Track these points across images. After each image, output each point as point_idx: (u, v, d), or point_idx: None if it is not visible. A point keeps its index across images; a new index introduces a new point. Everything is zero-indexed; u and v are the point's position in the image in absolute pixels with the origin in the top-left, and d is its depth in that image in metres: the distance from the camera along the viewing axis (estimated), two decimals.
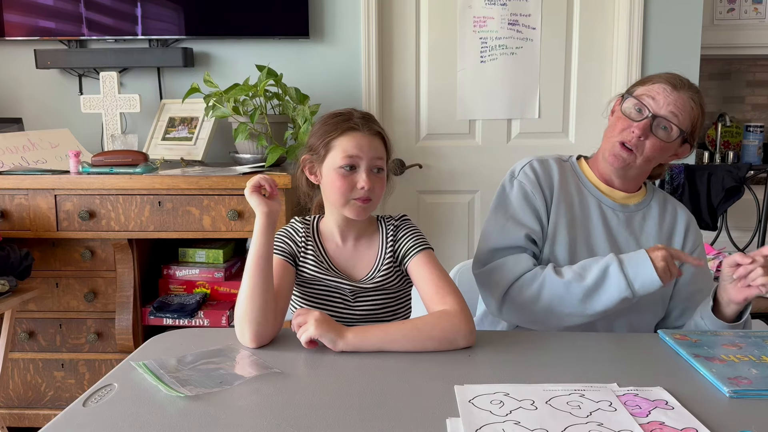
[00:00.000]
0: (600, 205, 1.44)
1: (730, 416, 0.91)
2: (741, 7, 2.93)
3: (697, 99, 1.38)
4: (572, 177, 1.47)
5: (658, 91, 1.37)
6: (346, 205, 1.28)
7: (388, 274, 1.33)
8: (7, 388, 2.27)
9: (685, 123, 1.36)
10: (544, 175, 1.45)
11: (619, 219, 1.44)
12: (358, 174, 1.26)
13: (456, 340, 1.15)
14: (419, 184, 2.72)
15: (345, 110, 1.32)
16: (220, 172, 2.13)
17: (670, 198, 1.52)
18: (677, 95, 1.36)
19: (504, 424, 0.86)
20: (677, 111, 1.35)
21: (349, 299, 1.33)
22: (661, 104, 1.35)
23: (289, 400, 0.96)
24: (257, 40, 2.58)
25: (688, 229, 1.47)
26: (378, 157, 1.28)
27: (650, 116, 1.35)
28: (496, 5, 2.62)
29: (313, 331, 1.11)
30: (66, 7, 2.52)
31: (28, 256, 2.01)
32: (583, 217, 1.43)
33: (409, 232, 1.35)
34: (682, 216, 1.48)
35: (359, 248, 1.36)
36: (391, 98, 2.67)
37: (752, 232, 2.56)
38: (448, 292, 1.23)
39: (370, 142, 1.28)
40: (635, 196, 1.47)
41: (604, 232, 1.42)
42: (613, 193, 1.45)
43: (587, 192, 1.46)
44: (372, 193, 1.27)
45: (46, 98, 2.66)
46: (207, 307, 2.19)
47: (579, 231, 1.42)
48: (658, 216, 1.46)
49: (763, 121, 3.20)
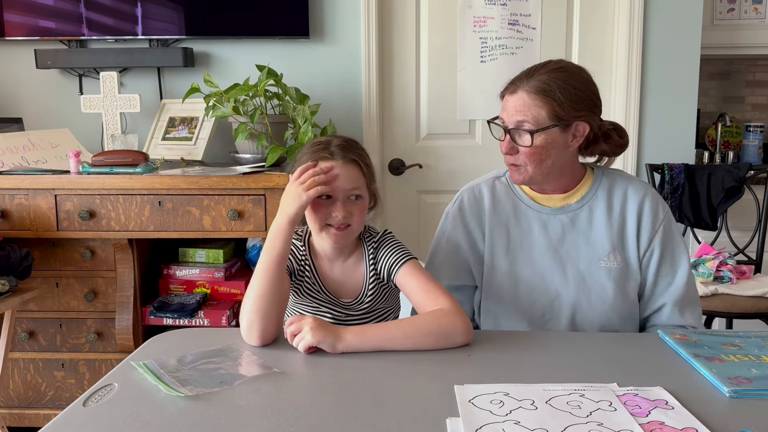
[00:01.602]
0: (539, 216, 1.40)
1: (730, 416, 0.91)
2: (741, 7, 2.93)
3: (538, 86, 1.30)
4: (507, 195, 1.44)
5: (506, 101, 1.35)
6: (323, 232, 1.29)
7: (375, 295, 1.35)
8: (7, 387, 2.27)
9: (537, 119, 1.30)
10: (471, 207, 1.44)
11: (563, 222, 1.39)
12: (333, 203, 1.26)
13: (454, 336, 1.16)
14: (419, 184, 2.72)
15: (325, 138, 1.33)
16: (221, 172, 2.13)
17: (620, 179, 1.42)
18: (515, 99, 1.32)
19: (504, 424, 0.86)
20: (520, 115, 1.31)
21: (341, 318, 1.34)
22: (508, 115, 1.33)
23: (289, 400, 0.96)
24: (257, 40, 2.58)
25: (642, 209, 1.38)
26: (353, 187, 1.27)
27: (507, 130, 1.33)
28: (496, 5, 2.62)
29: (311, 339, 1.11)
30: (66, 7, 2.52)
31: (28, 256, 2.01)
32: (522, 235, 1.40)
33: (389, 248, 1.34)
34: (634, 196, 1.39)
35: (347, 267, 1.37)
36: (391, 98, 2.67)
37: (752, 232, 2.56)
38: (439, 294, 1.23)
39: (346, 171, 1.26)
40: (576, 192, 1.40)
41: (546, 244, 1.39)
42: (550, 199, 1.41)
43: (524, 206, 1.42)
44: (350, 220, 1.27)
45: (46, 98, 2.66)
46: (207, 307, 2.19)
47: (518, 253, 1.40)
48: (606, 202, 1.39)
49: (763, 121, 3.20)
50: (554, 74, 1.32)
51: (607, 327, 1.38)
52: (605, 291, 1.37)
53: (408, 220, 2.72)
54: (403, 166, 2.68)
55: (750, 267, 2.43)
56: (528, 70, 1.35)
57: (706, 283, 2.27)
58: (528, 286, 1.39)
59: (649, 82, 2.61)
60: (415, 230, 2.71)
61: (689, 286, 1.39)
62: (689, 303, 1.39)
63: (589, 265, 1.37)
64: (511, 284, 1.40)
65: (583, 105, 1.32)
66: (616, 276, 1.37)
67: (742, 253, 2.55)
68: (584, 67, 1.39)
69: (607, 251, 1.37)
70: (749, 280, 2.34)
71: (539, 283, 1.39)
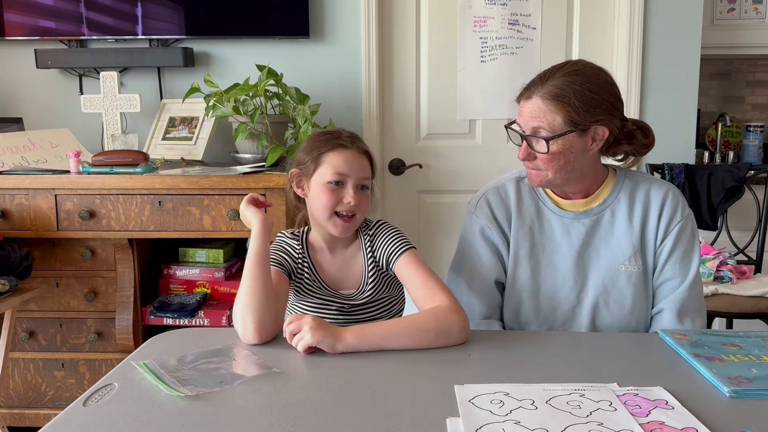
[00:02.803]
0: (562, 221, 1.39)
1: (730, 416, 0.91)
2: (741, 7, 2.93)
3: (553, 91, 1.27)
4: (531, 196, 1.42)
5: (521, 107, 1.33)
6: (330, 220, 1.31)
7: (376, 284, 1.36)
8: (7, 387, 2.27)
9: (553, 125, 1.28)
10: (499, 206, 1.42)
11: (585, 227, 1.37)
12: (346, 189, 1.31)
13: (452, 332, 1.17)
14: (419, 184, 2.72)
15: (334, 129, 1.40)
16: (221, 172, 2.13)
17: (642, 180, 1.40)
18: (530, 105, 1.30)
19: (504, 424, 0.86)
20: (536, 121, 1.29)
21: (346, 310, 1.35)
22: (524, 121, 1.32)
23: (289, 400, 0.96)
24: (257, 40, 2.58)
25: (664, 204, 1.37)
26: (365, 176, 1.34)
27: (523, 136, 1.32)
28: (496, 5, 2.61)
29: (310, 339, 1.11)
30: (66, 7, 2.52)
31: (28, 255, 2.01)
32: (544, 238, 1.39)
33: (386, 235, 1.37)
34: (657, 194, 1.38)
35: (346, 259, 1.39)
36: (391, 98, 2.67)
37: (752, 232, 2.56)
38: (437, 290, 1.25)
39: (359, 160, 1.33)
40: (597, 196, 1.39)
41: (568, 249, 1.37)
42: (573, 204, 1.39)
43: (547, 210, 1.40)
44: (357, 209, 1.32)
45: (46, 98, 2.66)
46: (207, 306, 2.19)
47: (541, 255, 1.39)
48: (628, 205, 1.37)
49: (763, 121, 3.20)
50: (569, 78, 1.29)
51: (626, 331, 1.36)
52: (624, 296, 1.36)
53: (408, 220, 2.72)
54: (403, 166, 2.68)
55: (750, 267, 2.43)
56: (543, 74, 1.32)
57: (706, 283, 2.27)
58: (550, 292, 1.38)
59: (649, 82, 2.61)
60: (415, 230, 2.71)
61: (691, 294, 1.35)
62: (689, 311, 1.35)
63: (609, 269, 1.36)
64: (533, 289, 1.39)
65: (601, 109, 1.29)
66: (636, 281, 1.36)
67: (742, 253, 2.55)
68: (604, 68, 1.36)
69: (628, 255, 1.36)
70: (749, 280, 2.34)
71: (561, 289, 1.38)
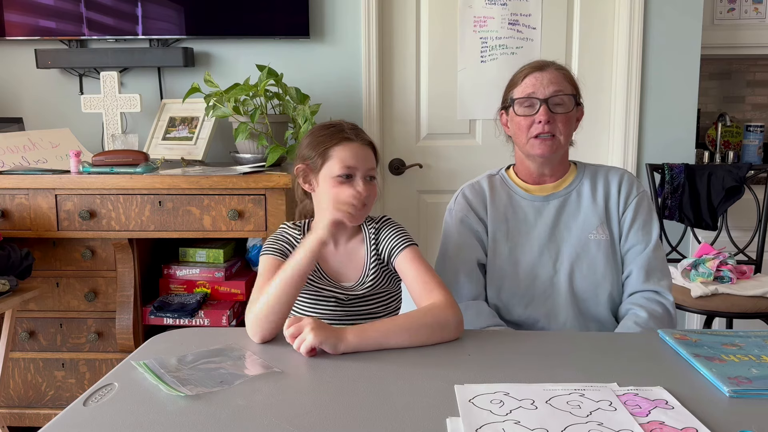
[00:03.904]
0: (533, 204, 1.55)
1: (730, 416, 0.91)
2: (741, 7, 2.93)
3: (562, 68, 1.53)
4: (502, 188, 1.58)
5: (531, 82, 1.49)
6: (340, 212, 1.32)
7: (376, 277, 1.38)
8: (7, 387, 2.27)
9: (570, 88, 1.50)
10: (475, 198, 1.57)
11: (555, 206, 1.54)
12: (355, 182, 1.33)
13: (448, 327, 1.20)
14: (419, 184, 2.72)
15: (335, 121, 1.41)
16: (221, 172, 2.13)
17: (600, 167, 1.59)
18: (547, 74, 1.49)
19: (504, 424, 0.86)
20: (557, 84, 1.48)
21: (344, 302, 1.36)
22: (542, 88, 1.47)
23: (289, 400, 0.96)
24: (257, 40, 2.58)
25: (621, 183, 1.54)
26: (371, 167, 1.37)
27: (542, 102, 1.47)
28: (496, 5, 2.62)
29: (312, 340, 1.11)
30: (66, 7, 2.52)
31: (28, 255, 2.01)
32: (518, 222, 1.54)
33: (391, 231, 1.40)
34: (615, 176, 1.56)
35: (349, 251, 1.41)
36: (391, 98, 2.67)
37: (752, 232, 2.56)
38: (434, 287, 1.28)
39: (365, 152, 1.36)
40: (564, 180, 1.56)
41: (542, 227, 1.53)
42: (542, 189, 1.56)
43: (518, 197, 1.56)
44: (367, 200, 1.34)
45: (46, 98, 2.66)
46: (207, 306, 2.19)
47: (518, 236, 1.54)
48: (590, 187, 1.55)
49: (763, 120, 3.20)
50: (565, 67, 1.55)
51: (602, 294, 1.50)
52: (596, 261, 1.50)
53: (408, 219, 2.72)
54: (403, 165, 2.68)
55: (750, 267, 2.43)
56: (537, 61, 1.55)
57: (706, 283, 2.27)
58: (529, 266, 1.52)
59: (649, 82, 2.61)
60: (415, 230, 2.71)
61: (656, 256, 1.51)
62: (655, 271, 1.50)
63: (580, 239, 1.52)
64: (512, 266, 1.52)
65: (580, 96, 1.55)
66: (605, 248, 1.51)
67: (742, 253, 2.55)
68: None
69: (596, 225, 1.52)
70: (749, 280, 2.34)
71: (538, 262, 1.52)
